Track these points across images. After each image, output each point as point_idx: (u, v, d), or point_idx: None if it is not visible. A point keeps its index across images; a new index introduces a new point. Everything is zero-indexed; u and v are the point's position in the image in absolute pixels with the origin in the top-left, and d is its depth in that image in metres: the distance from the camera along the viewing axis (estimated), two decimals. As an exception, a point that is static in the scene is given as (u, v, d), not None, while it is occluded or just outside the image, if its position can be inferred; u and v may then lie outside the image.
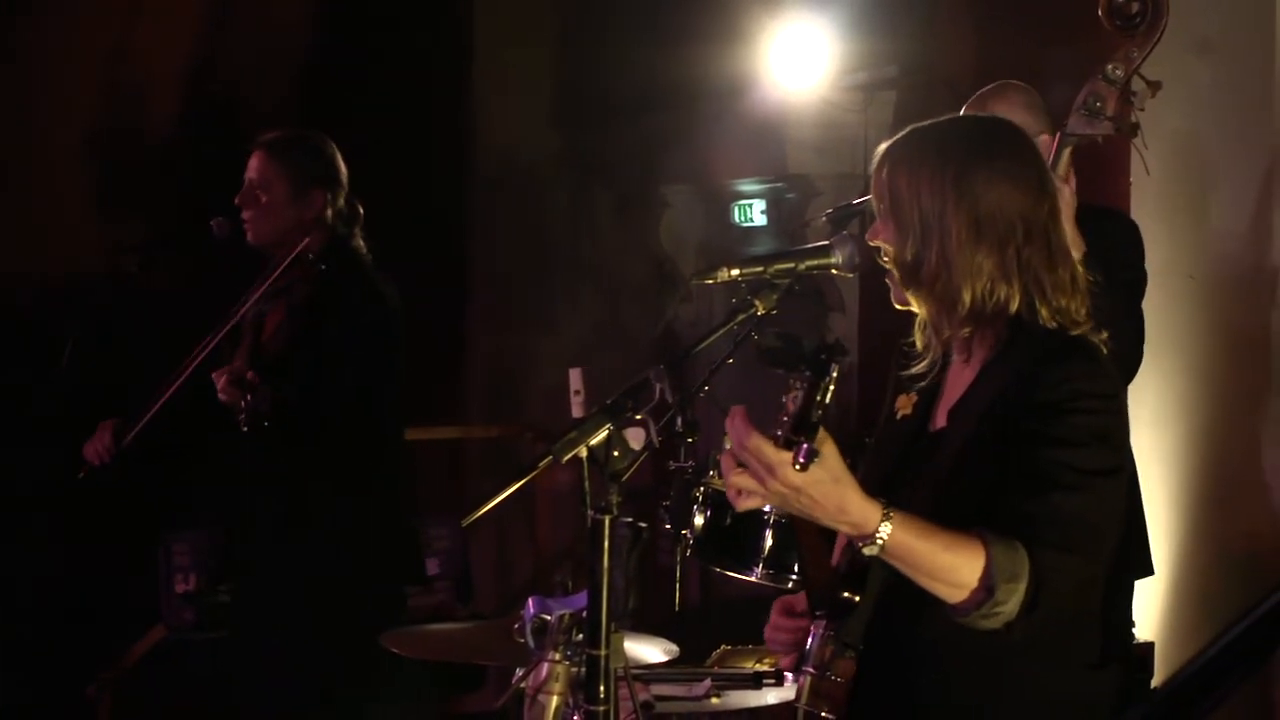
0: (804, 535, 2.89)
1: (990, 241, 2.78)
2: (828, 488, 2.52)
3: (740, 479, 2.55)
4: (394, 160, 7.60)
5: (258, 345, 4.87)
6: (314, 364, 4.77)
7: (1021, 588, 2.60)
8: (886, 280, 2.90)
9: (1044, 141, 4.28)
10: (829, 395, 2.47)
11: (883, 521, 2.56)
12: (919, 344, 2.95)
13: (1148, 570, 4.60)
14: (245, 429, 4.67)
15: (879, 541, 2.57)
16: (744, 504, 2.58)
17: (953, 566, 2.60)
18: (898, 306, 2.93)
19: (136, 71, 7.91)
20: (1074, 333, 2.81)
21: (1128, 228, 4.45)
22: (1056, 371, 2.74)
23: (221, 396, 4.67)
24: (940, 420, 2.90)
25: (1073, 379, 2.74)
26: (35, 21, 7.58)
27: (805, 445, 2.43)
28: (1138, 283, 4.34)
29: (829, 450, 2.50)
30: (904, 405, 2.55)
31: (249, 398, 4.63)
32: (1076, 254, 3.97)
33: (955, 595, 2.62)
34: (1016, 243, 2.80)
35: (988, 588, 2.59)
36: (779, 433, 2.49)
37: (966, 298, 2.79)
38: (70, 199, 7.73)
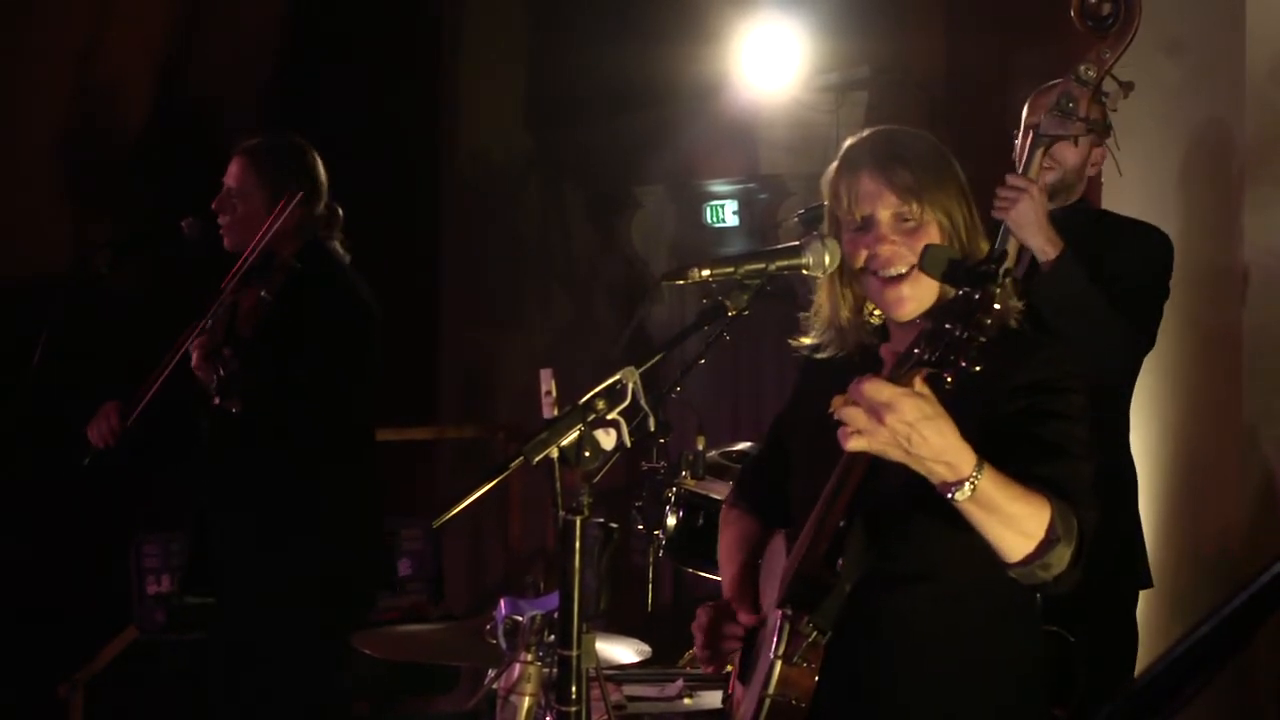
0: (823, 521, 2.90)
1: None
2: (940, 424, 2.52)
3: (854, 414, 2.53)
4: (367, 161, 7.58)
5: (232, 330, 4.85)
6: (282, 355, 4.75)
7: (1073, 542, 2.68)
8: (900, 286, 2.93)
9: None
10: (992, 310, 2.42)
11: (975, 462, 2.57)
12: (840, 344, 3.08)
13: (1147, 581, 4.62)
14: (218, 402, 4.65)
15: (971, 486, 2.58)
16: (854, 444, 2.56)
17: (1026, 515, 2.64)
18: (903, 312, 2.95)
19: (107, 71, 7.88)
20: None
21: (1162, 243, 4.49)
22: (1040, 355, 2.89)
23: (195, 368, 4.64)
24: None
25: (1056, 361, 2.89)
26: (4, 21, 7.55)
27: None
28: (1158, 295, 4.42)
29: (925, 389, 2.51)
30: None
31: (221, 371, 4.60)
32: (1054, 251, 4.06)
33: (1023, 546, 2.66)
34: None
35: (1051, 540, 2.65)
36: (915, 351, 2.47)
37: None
38: (40, 198, 7.70)
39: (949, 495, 2.59)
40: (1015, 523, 2.64)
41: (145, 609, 6.17)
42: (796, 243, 3.01)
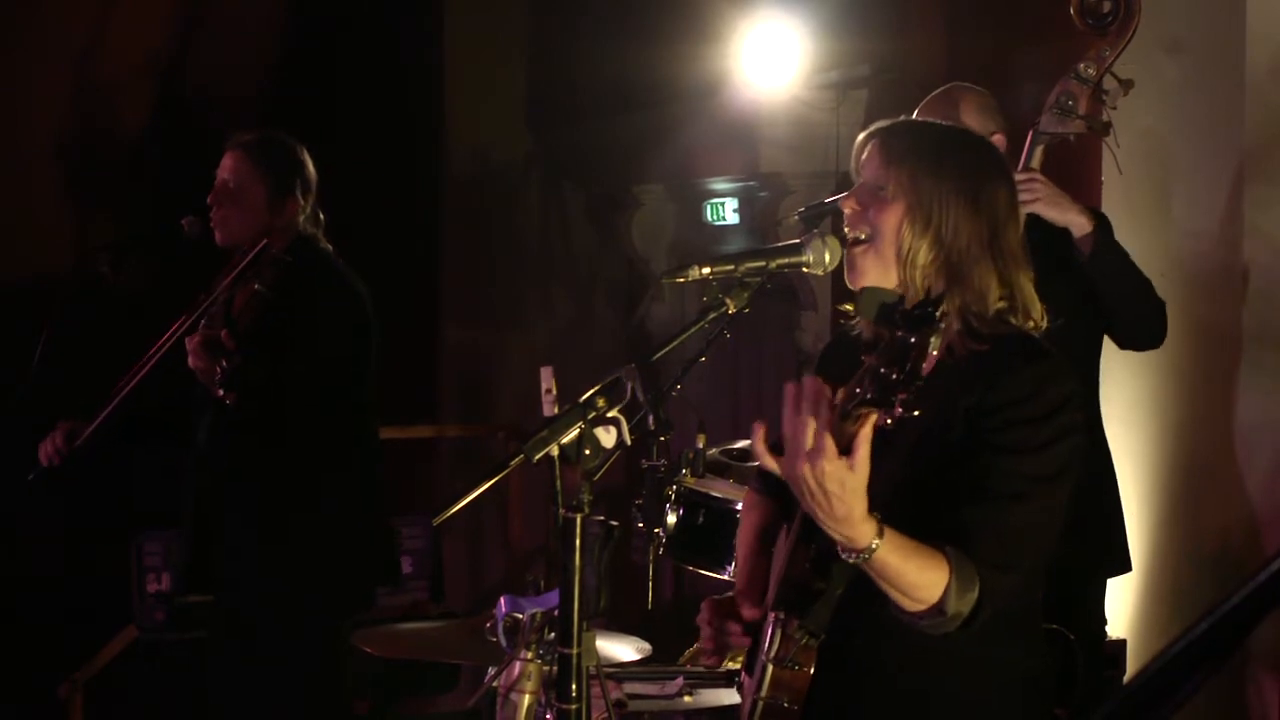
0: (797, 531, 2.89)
1: (994, 252, 2.85)
2: (849, 499, 2.50)
3: (767, 457, 2.56)
4: (366, 160, 7.59)
5: (229, 322, 4.84)
6: (280, 349, 4.74)
7: (969, 605, 2.66)
8: (854, 252, 2.91)
9: (998, 140, 4.31)
10: (927, 355, 2.37)
11: (874, 539, 2.56)
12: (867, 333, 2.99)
13: (1125, 567, 4.61)
14: (219, 394, 4.62)
15: (863, 557, 2.58)
16: (766, 460, 2.58)
17: (919, 585, 2.65)
18: (855, 284, 2.92)
19: (107, 71, 7.89)
20: (1033, 332, 2.87)
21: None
22: (1022, 374, 2.78)
23: (192, 362, 4.60)
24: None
25: (1038, 381, 2.78)
26: (4, 21, 7.55)
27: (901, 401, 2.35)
28: None
29: (862, 464, 2.48)
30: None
31: (224, 363, 4.57)
32: (1090, 224, 4.08)
33: (911, 605, 2.68)
34: (1009, 252, 2.86)
35: (941, 608, 2.65)
36: (857, 391, 2.41)
37: (962, 300, 2.82)
38: (40, 198, 7.70)
39: (842, 554, 2.61)
40: (908, 589, 2.65)
41: (145, 608, 6.17)
42: (797, 241, 3.00)
